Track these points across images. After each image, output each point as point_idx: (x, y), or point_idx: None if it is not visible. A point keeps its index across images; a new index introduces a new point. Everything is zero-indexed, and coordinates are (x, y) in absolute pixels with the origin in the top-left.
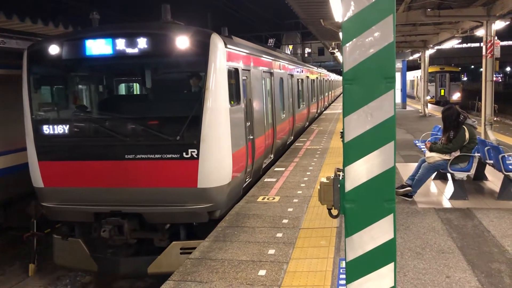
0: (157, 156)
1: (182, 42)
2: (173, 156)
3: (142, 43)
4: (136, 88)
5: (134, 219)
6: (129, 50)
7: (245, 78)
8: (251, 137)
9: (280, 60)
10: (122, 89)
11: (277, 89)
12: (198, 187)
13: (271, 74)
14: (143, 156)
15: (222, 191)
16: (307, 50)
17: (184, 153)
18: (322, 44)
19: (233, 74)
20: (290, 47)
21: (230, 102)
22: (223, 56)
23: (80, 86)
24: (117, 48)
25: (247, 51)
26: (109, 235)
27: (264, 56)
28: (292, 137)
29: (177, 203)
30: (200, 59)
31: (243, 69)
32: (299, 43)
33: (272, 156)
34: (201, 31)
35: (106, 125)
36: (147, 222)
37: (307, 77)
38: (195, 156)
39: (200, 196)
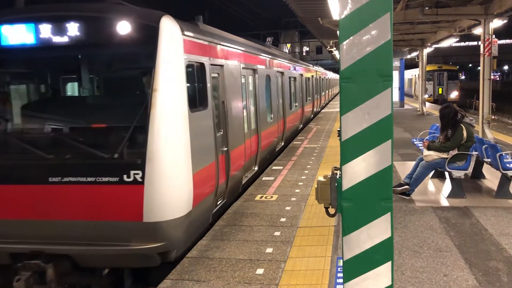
0: (89, 179)
1: (122, 27)
2: (110, 179)
3: (72, 29)
4: (64, 89)
5: (61, 262)
6: (56, 39)
7: (215, 75)
8: (225, 148)
9: (267, 55)
10: (47, 90)
11: (263, 89)
12: (144, 221)
13: (255, 71)
14: (71, 179)
15: (178, 225)
16: (305, 48)
17: (124, 176)
18: (320, 43)
19: (195, 70)
20: (288, 45)
21: (190, 107)
22: (179, 46)
23: None
24: (41, 36)
25: (219, 42)
26: (25, 285)
27: (244, 49)
28: (283, 143)
29: (117, 242)
30: (145, 50)
31: (212, 64)
32: (297, 41)
33: (256, 167)
34: (148, 13)
35: (24, 137)
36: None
37: (301, 75)
38: (140, 179)
39: (147, 233)
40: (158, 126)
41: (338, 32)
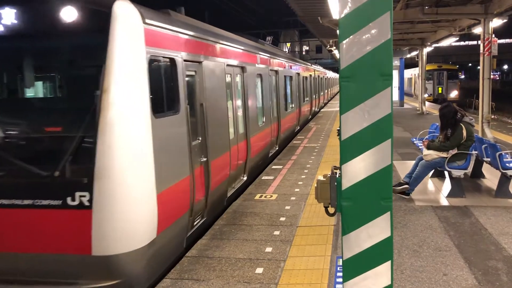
0: (26, 202)
1: (67, 12)
2: (51, 202)
3: (6, 16)
4: None
5: None
6: None
7: (191, 73)
8: (204, 159)
9: (258, 52)
10: None
11: (252, 89)
12: (94, 255)
13: (243, 69)
14: (4, 201)
15: (138, 258)
16: (305, 47)
17: (68, 199)
18: (320, 42)
19: (162, 67)
20: (288, 44)
21: (155, 111)
22: (139, 37)
23: None
24: None
25: (196, 35)
26: None
27: (230, 44)
28: (277, 147)
29: (62, 279)
30: (94, 41)
31: (187, 60)
32: (297, 41)
33: (245, 177)
34: None
35: None
36: None
37: (298, 74)
38: (87, 203)
39: (98, 269)
40: (110, 135)
41: (338, 31)
